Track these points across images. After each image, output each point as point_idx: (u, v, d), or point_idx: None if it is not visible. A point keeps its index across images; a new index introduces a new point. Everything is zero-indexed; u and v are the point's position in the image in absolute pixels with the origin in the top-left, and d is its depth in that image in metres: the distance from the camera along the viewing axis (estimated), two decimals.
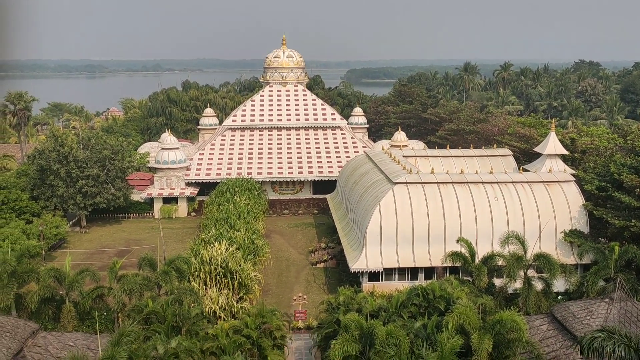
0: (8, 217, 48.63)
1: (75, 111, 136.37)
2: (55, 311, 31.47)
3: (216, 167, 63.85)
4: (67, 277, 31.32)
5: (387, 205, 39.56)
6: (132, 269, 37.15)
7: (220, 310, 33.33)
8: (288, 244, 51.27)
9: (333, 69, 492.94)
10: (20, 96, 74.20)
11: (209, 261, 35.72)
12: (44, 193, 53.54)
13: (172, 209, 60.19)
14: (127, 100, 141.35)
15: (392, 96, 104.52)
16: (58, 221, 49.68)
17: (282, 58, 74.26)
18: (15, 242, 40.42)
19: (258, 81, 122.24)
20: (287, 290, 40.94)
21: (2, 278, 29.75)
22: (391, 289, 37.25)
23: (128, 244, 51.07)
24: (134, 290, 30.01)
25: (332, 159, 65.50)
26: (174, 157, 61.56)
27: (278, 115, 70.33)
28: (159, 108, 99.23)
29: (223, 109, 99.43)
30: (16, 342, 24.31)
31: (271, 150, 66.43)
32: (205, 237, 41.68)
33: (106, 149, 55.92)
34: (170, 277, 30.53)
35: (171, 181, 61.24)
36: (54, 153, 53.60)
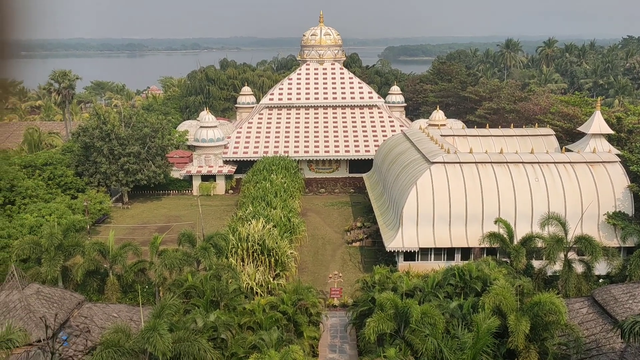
0: (54, 193, 50.37)
1: (116, 89, 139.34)
2: (99, 284, 32.61)
3: (253, 146, 64.38)
4: (111, 251, 32.37)
5: (424, 185, 39.24)
6: (172, 244, 38.08)
7: (257, 287, 33.93)
8: (324, 223, 51.56)
9: (371, 46, 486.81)
10: (65, 75, 76.02)
11: (246, 238, 36.29)
12: (87, 169, 55.17)
13: (210, 187, 61.19)
14: (167, 79, 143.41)
15: (430, 74, 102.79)
16: (101, 197, 51.25)
17: (319, 36, 73.75)
18: (62, 217, 41.87)
19: (295, 59, 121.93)
20: (322, 269, 41.32)
21: (49, 251, 30.93)
22: (427, 269, 37.14)
23: (168, 220, 52.30)
24: (174, 265, 30.81)
25: (369, 137, 65.13)
26: (212, 135, 62.34)
27: (315, 93, 70.16)
28: (198, 86, 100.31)
29: (260, 88, 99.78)
30: (63, 312, 25.39)
31: (308, 129, 66.49)
32: (242, 215, 42.29)
33: (147, 127, 57.02)
34: (208, 253, 31.18)
35: (209, 159, 62.13)
36: (97, 130, 55.01)
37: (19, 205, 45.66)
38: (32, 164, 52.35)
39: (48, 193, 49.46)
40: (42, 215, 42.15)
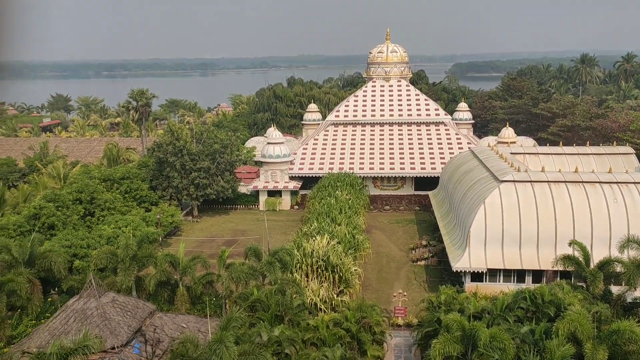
0: (130, 205, 52.79)
1: (189, 107, 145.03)
2: (170, 294, 33.70)
3: (319, 162, 64.97)
4: (181, 262, 33.45)
5: (493, 204, 38.15)
6: (239, 258, 38.84)
7: (321, 302, 33.98)
8: (389, 240, 51.08)
9: (438, 63, 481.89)
10: (142, 93, 79.94)
11: (311, 254, 36.49)
12: (161, 184, 57.49)
13: (276, 202, 62.15)
14: (236, 97, 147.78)
15: (499, 90, 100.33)
16: (173, 210, 53.19)
17: (385, 53, 73.83)
18: (136, 229, 43.78)
19: (361, 77, 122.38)
20: (387, 287, 40.86)
21: (124, 261, 32.37)
22: (495, 290, 35.91)
23: (235, 234, 53.48)
24: (240, 279, 31.45)
25: (435, 155, 64.21)
26: (278, 151, 63.47)
27: (381, 110, 70.11)
28: (266, 104, 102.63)
29: (326, 105, 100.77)
30: (136, 320, 26.43)
31: (373, 146, 66.40)
32: (307, 230, 42.60)
33: (217, 143, 58.83)
34: (274, 267, 31.60)
35: (276, 175, 63.22)
36: (171, 146, 57.32)
37: (98, 216, 48.19)
38: (110, 177, 55.15)
39: (124, 206, 51.86)
40: (118, 226, 44.23)
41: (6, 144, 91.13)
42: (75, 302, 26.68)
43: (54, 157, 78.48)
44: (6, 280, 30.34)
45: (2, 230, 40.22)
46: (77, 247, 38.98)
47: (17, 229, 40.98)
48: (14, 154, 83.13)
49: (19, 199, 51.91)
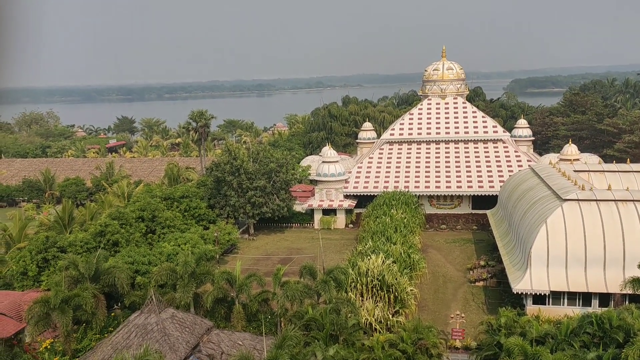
0: (189, 223, 54.22)
1: (246, 127, 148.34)
2: (226, 311, 34.21)
3: (374, 180, 64.73)
4: (237, 280, 33.95)
5: (555, 224, 36.75)
6: (294, 276, 39.04)
7: (376, 323, 33.60)
8: (445, 260, 50.06)
9: (495, 79, 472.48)
10: (201, 114, 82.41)
11: (366, 273, 36.23)
12: (219, 202, 58.81)
13: (331, 220, 62.26)
14: (292, 116, 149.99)
15: (561, 106, 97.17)
16: (230, 228, 54.23)
17: (441, 70, 73.16)
18: (195, 246, 44.85)
19: (416, 95, 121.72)
20: (443, 307, 39.95)
21: (183, 278, 33.17)
22: (559, 314, 34.44)
23: (290, 252, 53.86)
24: (295, 297, 31.56)
25: (493, 173, 62.67)
26: (333, 170, 63.74)
27: (436, 128, 69.32)
28: (320, 123, 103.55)
29: (381, 123, 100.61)
30: (194, 337, 26.97)
31: (429, 164, 65.60)
32: (362, 249, 42.39)
33: (272, 162, 59.75)
34: (329, 286, 31.56)
35: (330, 193, 63.43)
36: (228, 166, 58.66)
37: (158, 234, 49.73)
38: (171, 196, 56.93)
39: (184, 223, 53.32)
40: (178, 244, 45.48)
41: (75, 165, 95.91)
42: (137, 317, 27.52)
43: (118, 176, 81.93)
44: (73, 295, 31.67)
45: (70, 247, 42.13)
46: (139, 263, 40.31)
47: (84, 246, 42.82)
48: (83, 174, 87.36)
49: (86, 217, 54.33)
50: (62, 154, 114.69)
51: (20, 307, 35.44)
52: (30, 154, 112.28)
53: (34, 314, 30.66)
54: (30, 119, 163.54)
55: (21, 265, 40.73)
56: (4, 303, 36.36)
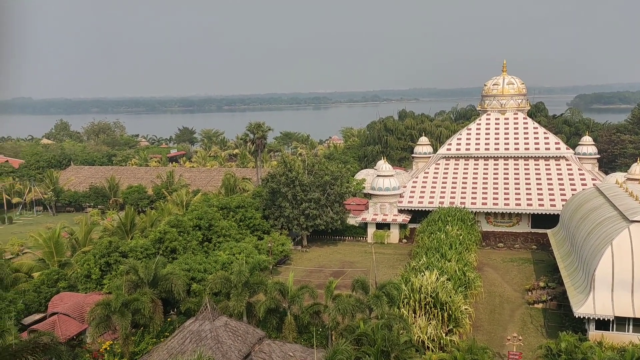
0: (244, 233, 55.14)
1: (302, 139, 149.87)
2: (278, 322, 34.44)
3: (429, 196, 63.83)
4: (290, 291, 34.18)
5: (621, 246, 35.02)
6: (346, 289, 38.92)
7: (428, 341, 32.95)
8: (502, 279, 48.59)
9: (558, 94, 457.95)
10: (259, 126, 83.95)
11: (419, 289, 35.66)
12: (273, 213, 59.53)
13: (384, 235, 61.77)
14: (347, 129, 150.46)
15: (629, 123, 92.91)
16: (284, 239, 54.75)
17: (501, 85, 71.60)
18: (249, 256, 45.54)
19: (475, 109, 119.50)
20: (499, 329, 38.72)
21: (237, 287, 33.69)
22: (624, 341, 32.70)
23: (343, 266, 53.74)
24: (347, 311, 31.44)
25: (555, 191, 60.51)
26: (388, 184, 63.33)
27: (495, 144, 67.73)
28: (376, 136, 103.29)
29: (438, 138, 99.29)
30: (246, 346, 27.29)
31: (486, 180, 64.09)
32: (415, 265, 41.81)
33: (327, 175, 60.03)
34: (381, 301, 31.27)
35: (385, 207, 62.99)
36: (283, 177, 59.38)
37: (214, 242, 50.82)
38: (227, 206, 58.12)
39: (239, 233, 54.28)
40: (233, 253, 46.30)
41: (138, 173, 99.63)
42: (192, 324, 28.14)
43: (178, 185, 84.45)
44: (132, 299, 32.76)
45: (131, 252, 43.66)
46: (195, 271, 41.28)
47: (144, 252, 44.28)
48: (145, 182, 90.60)
49: (146, 224, 56.24)
50: (126, 162, 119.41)
51: (83, 309, 36.95)
52: (97, 161, 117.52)
53: (96, 316, 31.89)
54: (99, 128, 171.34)
55: (85, 268, 42.54)
56: (68, 304, 38.05)
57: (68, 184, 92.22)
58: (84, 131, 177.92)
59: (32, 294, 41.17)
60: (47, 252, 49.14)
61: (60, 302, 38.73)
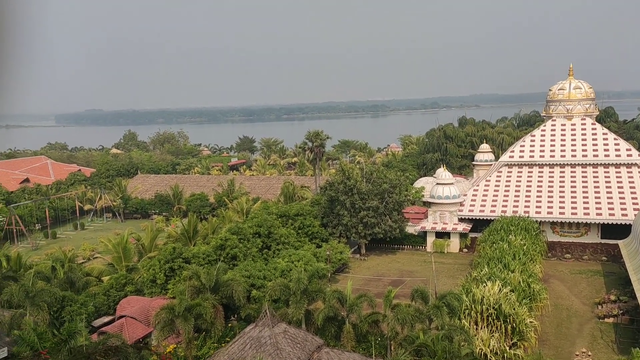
0: (303, 241, 55.57)
1: (360, 147, 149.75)
2: (336, 330, 34.43)
3: (490, 204, 62.20)
4: (348, 299, 34.12)
5: None
6: (405, 299, 38.46)
7: (491, 354, 32.03)
8: (570, 292, 46.60)
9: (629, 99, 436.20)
10: (317, 135, 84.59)
11: (481, 301, 34.76)
12: (331, 221, 59.71)
13: (444, 244, 60.67)
14: (406, 137, 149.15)
15: None
16: (342, 247, 54.77)
17: (567, 90, 68.99)
18: (308, 263, 45.83)
19: (539, 115, 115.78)
20: (567, 343, 37.11)
21: (296, 294, 33.98)
22: None
23: (401, 275, 53.14)
24: (406, 320, 31.04)
25: (627, 199, 57.54)
26: (448, 192, 62.22)
27: (561, 150, 65.24)
28: (435, 144, 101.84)
29: (500, 145, 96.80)
30: (305, 353, 27.42)
31: (552, 188, 61.78)
32: (477, 275, 40.80)
33: (385, 183, 59.66)
34: (441, 312, 30.69)
35: (444, 216, 61.89)
36: (342, 185, 59.49)
37: (273, 250, 51.50)
38: (286, 214, 58.80)
39: (297, 241, 54.75)
40: (291, 260, 46.74)
41: (200, 181, 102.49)
42: (252, 330, 28.59)
43: (238, 193, 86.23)
44: (195, 304, 33.67)
45: (193, 258, 44.92)
46: (255, 277, 41.96)
47: (206, 258, 45.45)
48: (206, 190, 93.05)
49: (208, 231, 57.72)
50: (189, 171, 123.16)
51: (148, 312, 38.31)
52: (162, 170, 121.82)
53: (161, 319, 32.98)
54: (164, 138, 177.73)
55: (151, 273, 44.11)
56: (135, 308, 39.56)
57: (135, 191, 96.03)
58: (150, 141, 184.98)
59: (101, 297, 43.08)
60: (116, 257, 51.35)
61: (128, 305, 40.32)
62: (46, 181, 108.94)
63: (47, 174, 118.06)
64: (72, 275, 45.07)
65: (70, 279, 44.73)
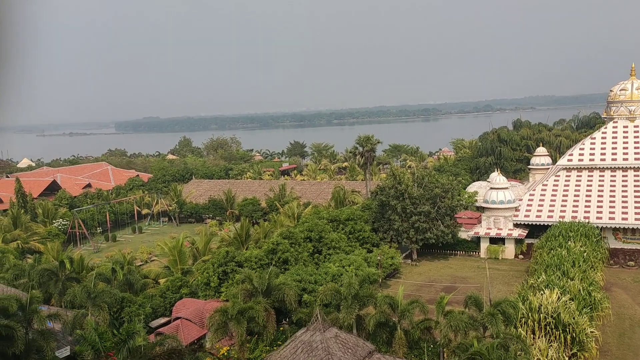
0: (353, 245, 55.47)
1: (411, 152, 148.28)
2: (388, 336, 34.15)
3: (547, 209, 60.21)
4: (400, 305, 33.80)
5: None
6: (457, 305, 37.74)
7: None
8: (633, 301, 44.48)
9: None
10: (368, 139, 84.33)
11: (538, 309, 33.73)
12: (382, 226, 59.35)
13: (498, 250, 59.18)
14: (458, 141, 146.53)
15: None
16: (393, 252, 54.32)
17: (630, 90, 66.07)
18: (358, 268, 45.66)
19: (599, 117, 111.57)
20: (630, 354, 35.43)
21: (347, 299, 33.96)
22: None
23: (454, 281, 52.19)
24: (459, 328, 30.47)
25: None
26: (502, 197, 60.71)
27: (624, 153, 62.48)
28: (489, 147, 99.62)
29: (557, 148, 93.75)
30: (356, 358, 27.34)
31: (614, 193, 59.20)
32: (534, 283, 39.62)
33: (437, 187, 58.81)
34: (496, 319, 29.94)
35: (499, 221, 60.40)
36: (393, 190, 59.05)
37: (324, 254, 51.64)
38: (337, 218, 58.87)
39: (348, 245, 54.70)
40: (342, 265, 46.73)
41: (252, 186, 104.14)
42: (303, 334, 28.76)
43: (289, 198, 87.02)
44: (247, 307, 34.20)
45: (246, 262, 45.65)
46: (306, 282, 42.18)
47: (258, 262, 46.08)
48: (258, 195, 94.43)
49: (260, 235, 58.54)
50: (241, 176, 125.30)
51: (203, 315, 39.20)
52: (215, 175, 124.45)
53: (214, 322, 33.68)
54: (217, 144, 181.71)
55: (205, 276, 45.12)
56: (190, 310, 40.56)
57: (190, 196, 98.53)
58: (204, 147, 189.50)
59: (158, 298, 44.39)
60: (172, 260, 52.86)
61: (183, 307, 41.38)
62: (107, 186, 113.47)
63: (108, 179, 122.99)
64: (130, 277, 46.71)
65: (129, 281, 46.37)
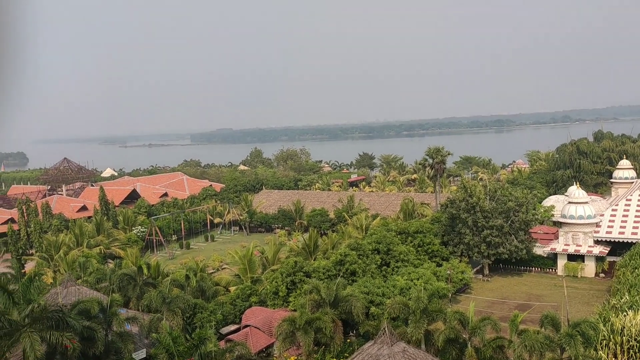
0: (422, 259, 54.52)
1: (483, 164, 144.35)
2: (458, 353, 33.19)
3: (632, 225, 56.76)
4: (470, 322, 32.84)
5: None
6: (532, 324, 36.22)
7: None
8: None
9: None
10: (438, 151, 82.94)
11: (621, 331, 31.78)
12: (452, 239, 58.00)
13: (577, 267, 56.30)
14: (533, 153, 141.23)
15: None
16: (464, 267, 52.91)
17: None
18: (427, 282, 44.85)
19: None
20: None
21: (415, 313, 33.38)
22: None
23: (529, 298, 50.12)
24: (534, 348, 29.20)
25: None
26: (581, 211, 57.83)
27: None
28: (567, 160, 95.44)
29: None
30: None
31: None
32: (616, 303, 37.37)
33: (511, 201, 56.87)
34: (575, 341, 28.46)
35: (577, 237, 57.52)
36: (464, 203, 57.64)
37: (392, 267, 51.08)
38: (405, 231, 58.12)
39: (417, 259, 53.83)
40: (411, 278, 46.03)
41: (321, 197, 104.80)
42: (370, 347, 28.49)
43: (358, 209, 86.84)
44: (315, 318, 34.36)
45: (314, 273, 45.91)
46: (374, 294, 41.85)
47: (326, 273, 46.22)
48: (327, 206, 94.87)
49: (328, 246, 58.72)
50: (310, 186, 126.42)
51: (271, 323, 39.74)
52: (285, 186, 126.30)
53: (282, 331, 34.07)
54: (287, 155, 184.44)
55: (273, 285, 45.77)
56: (258, 318, 41.25)
57: (260, 206, 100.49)
58: (274, 158, 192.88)
59: (228, 306, 45.45)
60: (242, 269, 54.03)
61: (252, 315, 42.14)
62: (182, 195, 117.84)
63: (183, 188, 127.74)
64: (203, 284, 48.15)
65: (201, 288, 47.80)
